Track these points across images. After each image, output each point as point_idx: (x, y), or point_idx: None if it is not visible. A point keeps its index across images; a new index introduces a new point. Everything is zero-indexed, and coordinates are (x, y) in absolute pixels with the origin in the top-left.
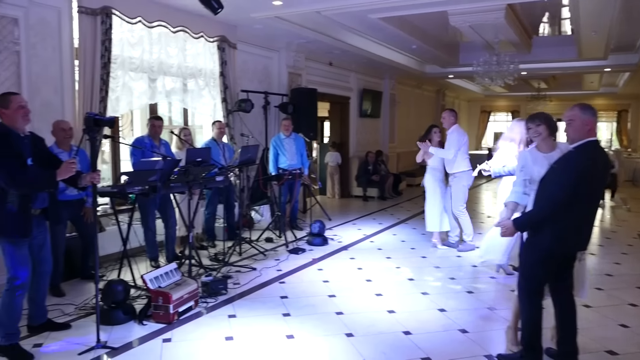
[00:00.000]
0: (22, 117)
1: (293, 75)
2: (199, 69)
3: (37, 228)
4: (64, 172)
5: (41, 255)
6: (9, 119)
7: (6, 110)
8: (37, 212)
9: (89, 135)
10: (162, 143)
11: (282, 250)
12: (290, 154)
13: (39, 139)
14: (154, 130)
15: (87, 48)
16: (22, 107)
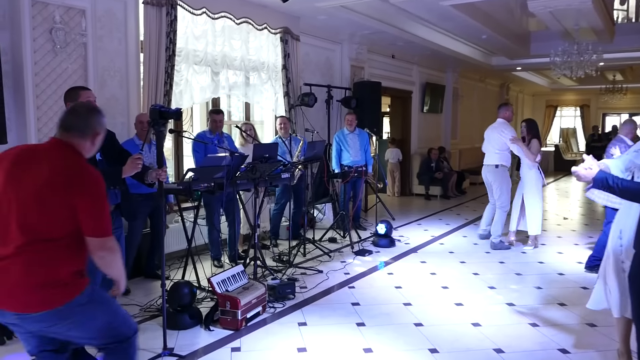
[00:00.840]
0: None
1: (355, 68)
2: (262, 62)
3: (112, 225)
4: (130, 169)
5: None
6: None
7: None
8: (111, 209)
9: (154, 128)
10: (225, 136)
11: (347, 252)
12: (354, 150)
13: (109, 134)
14: (215, 125)
15: (152, 40)
16: (89, 102)
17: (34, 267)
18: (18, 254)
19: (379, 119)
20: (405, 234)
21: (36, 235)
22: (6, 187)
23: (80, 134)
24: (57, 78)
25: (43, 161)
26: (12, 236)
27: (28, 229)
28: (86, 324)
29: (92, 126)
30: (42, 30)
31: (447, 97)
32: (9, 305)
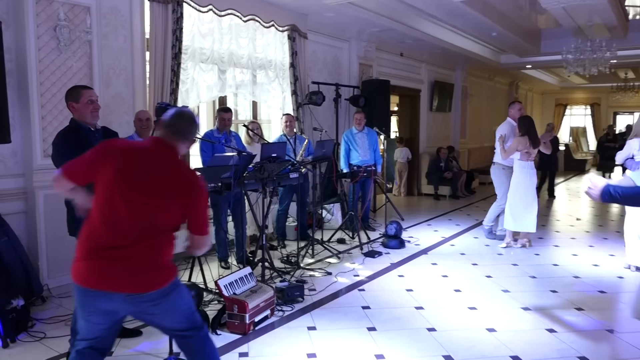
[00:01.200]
0: (91, 112)
1: (364, 66)
2: (269, 60)
3: None
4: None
5: None
6: (79, 113)
7: (76, 104)
8: None
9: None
10: (232, 135)
11: (356, 253)
12: (362, 149)
13: (112, 134)
14: (223, 124)
15: (158, 38)
16: (91, 101)
17: (149, 254)
18: (136, 243)
19: (388, 117)
20: (415, 235)
21: (153, 228)
22: (120, 182)
23: (184, 139)
24: (62, 76)
25: (159, 162)
26: (129, 228)
27: (147, 223)
28: (178, 304)
29: (194, 133)
30: (47, 28)
31: (456, 95)
32: (126, 288)
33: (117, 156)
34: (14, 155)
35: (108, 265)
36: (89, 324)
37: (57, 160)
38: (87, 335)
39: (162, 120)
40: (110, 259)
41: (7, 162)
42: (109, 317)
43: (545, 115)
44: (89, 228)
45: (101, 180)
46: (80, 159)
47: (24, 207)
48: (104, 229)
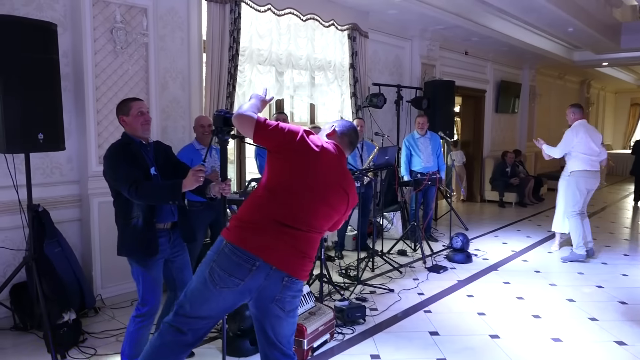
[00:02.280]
0: (142, 125)
1: (426, 66)
2: (328, 60)
3: (173, 247)
4: (191, 182)
5: (182, 279)
6: (130, 127)
7: (126, 117)
8: (167, 227)
9: (218, 137)
10: None
11: (419, 267)
12: (425, 155)
13: (165, 147)
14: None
15: (215, 39)
16: (141, 113)
17: (310, 244)
18: (306, 231)
19: (453, 120)
20: (481, 248)
21: (320, 222)
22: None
23: (351, 150)
24: (118, 80)
25: (341, 165)
26: (305, 214)
27: (319, 215)
28: (296, 311)
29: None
30: (103, 31)
31: (523, 96)
32: (290, 268)
33: (313, 149)
34: (69, 162)
35: (281, 240)
36: (214, 299)
37: (110, 175)
38: (197, 313)
39: (340, 130)
40: (283, 235)
41: (63, 169)
42: (242, 296)
43: (619, 116)
44: (267, 202)
45: (291, 162)
46: (281, 127)
47: (78, 215)
48: (281, 207)
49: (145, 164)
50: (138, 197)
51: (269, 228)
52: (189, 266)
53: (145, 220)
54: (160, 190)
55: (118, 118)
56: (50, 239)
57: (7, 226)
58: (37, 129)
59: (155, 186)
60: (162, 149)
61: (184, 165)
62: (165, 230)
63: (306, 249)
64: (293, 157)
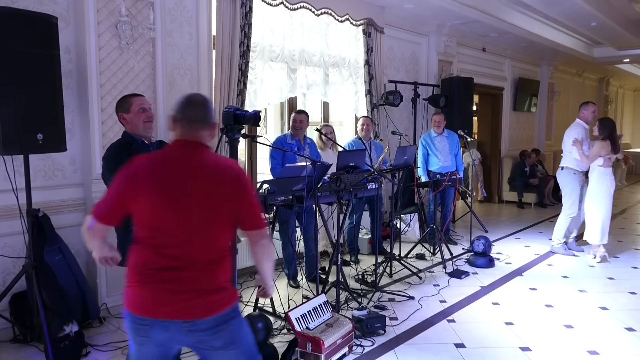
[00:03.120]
0: (144, 122)
1: (443, 63)
2: (342, 57)
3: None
4: None
5: None
6: (131, 124)
7: (127, 114)
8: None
9: (227, 136)
10: (307, 142)
11: (439, 272)
12: (443, 154)
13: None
14: (295, 125)
15: (225, 35)
16: (143, 109)
17: (205, 273)
18: (191, 263)
19: (471, 118)
20: (503, 251)
21: (206, 242)
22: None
23: (203, 126)
24: (124, 77)
25: (193, 165)
26: (180, 246)
27: (199, 237)
28: (241, 336)
29: (212, 116)
30: (108, 25)
31: (541, 93)
32: (182, 314)
33: (146, 175)
34: (72, 164)
35: (161, 289)
36: (141, 355)
37: (107, 178)
38: None
39: (174, 116)
40: (163, 282)
41: (66, 171)
42: (163, 348)
43: (638, 114)
44: (137, 252)
45: (138, 206)
46: (107, 196)
47: (82, 220)
48: (153, 251)
49: None
50: None
51: (148, 280)
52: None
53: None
54: None
55: (118, 116)
56: (51, 246)
57: (6, 232)
58: (36, 128)
59: None
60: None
61: None
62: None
63: (201, 283)
64: (135, 201)
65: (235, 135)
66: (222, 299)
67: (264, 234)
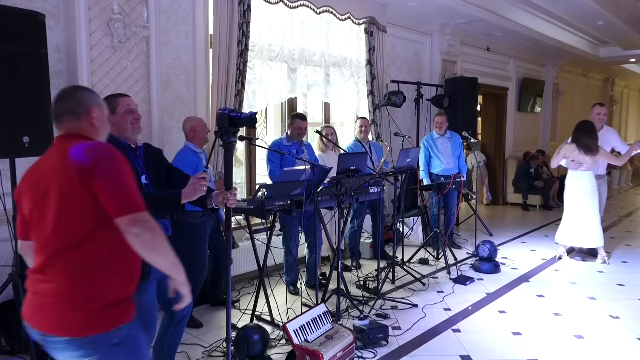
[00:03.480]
0: (131, 123)
1: (447, 62)
2: (344, 57)
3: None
4: (192, 192)
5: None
6: (117, 127)
7: (112, 115)
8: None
9: (222, 139)
10: (304, 144)
11: (443, 278)
12: (445, 156)
13: (156, 151)
14: (298, 132)
15: (223, 33)
16: (130, 110)
17: (59, 286)
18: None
19: (475, 119)
20: (508, 255)
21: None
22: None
23: (69, 118)
24: (116, 77)
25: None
26: (37, 251)
27: (48, 241)
28: None
29: (83, 103)
30: (100, 23)
31: (546, 93)
32: (36, 322)
33: (21, 183)
34: None
35: (28, 292)
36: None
37: None
38: None
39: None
40: (29, 285)
41: None
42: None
43: None
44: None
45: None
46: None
47: None
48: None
49: (135, 171)
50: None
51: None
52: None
53: None
54: (157, 202)
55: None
56: None
57: None
58: (22, 130)
59: (151, 197)
60: (153, 153)
61: (178, 172)
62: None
63: (49, 292)
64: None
65: (230, 139)
66: (73, 319)
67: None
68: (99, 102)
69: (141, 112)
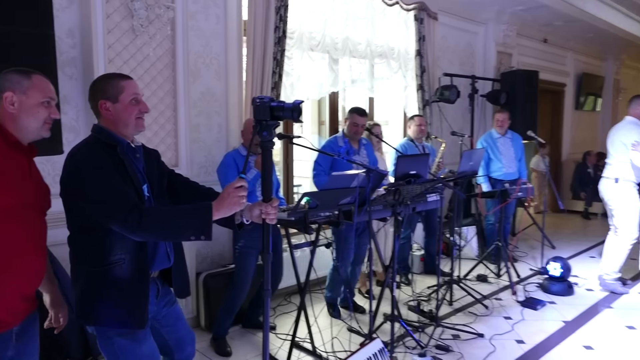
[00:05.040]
0: (136, 119)
1: (502, 54)
2: (391, 47)
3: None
4: (228, 206)
5: (178, 337)
6: (116, 119)
7: (114, 104)
8: (155, 275)
9: (261, 136)
10: (362, 144)
11: (508, 300)
12: (507, 158)
13: (155, 155)
14: (355, 130)
15: (258, 18)
16: (137, 101)
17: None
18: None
19: (535, 118)
20: (579, 274)
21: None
22: None
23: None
24: (137, 67)
25: None
26: None
27: None
28: None
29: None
30: (119, 4)
31: (606, 90)
32: None
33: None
34: None
35: None
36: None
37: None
38: None
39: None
40: None
41: None
42: None
43: None
44: None
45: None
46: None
47: None
48: None
49: (137, 179)
50: (142, 229)
51: None
52: (181, 316)
53: (136, 267)
54: (180, 217)
55: (96, 103)
56: None
57: None
58: None
59: (169, 212)
60: (152, 157)
61: (184, 182)
62: (153, 281)
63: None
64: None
65: (270, 136)
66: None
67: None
68: (17, 86)
69: (166, 107)
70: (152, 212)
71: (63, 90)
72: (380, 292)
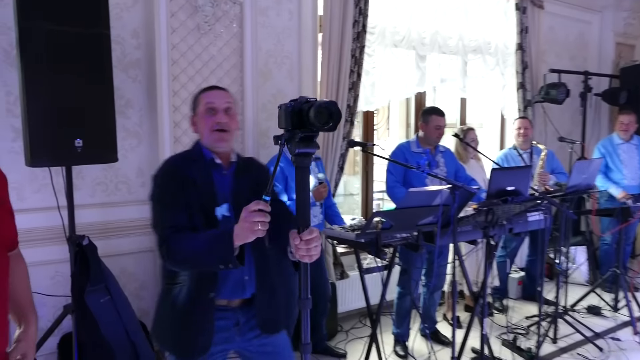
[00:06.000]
0: (211, 131)
1: (622, 47)
2: (487, 41)
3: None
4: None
5: None
6: (198, 132)
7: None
8: (235, 305)
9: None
10: (439, 151)
11: (628, 341)
12: (629, 168)
13: (257, 169)
14: (436, 134)
15: (335, 12)
16: (211, 110)
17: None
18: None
19: None
20: None
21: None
22: None
23: None
24: (203, 68)
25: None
26: None
27: None
28: None
29: None
30: (183, 1)
31: None
32: None
33: None
34: (139, 175)
35: None
36: None
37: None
38: None
39: None
40: None
41: (132, 185)
42: None
43: None
44: None
45: None
46: None
47: (148, 244)
48: None
49: (209, 198)
50: (171, 260)
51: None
52: (282, 350)
53: (195, 294)
54: (203, 245)
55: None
56: (95, 285)
57: (56, 258)
58: (74, 132)
59: (195, 239)
60: (252, 174)
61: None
62: (231, 310)
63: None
64: None
65: (301, 149)
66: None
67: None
68: None
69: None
70: (179, 240)
71: (126, 94)
72: (469, 322)
